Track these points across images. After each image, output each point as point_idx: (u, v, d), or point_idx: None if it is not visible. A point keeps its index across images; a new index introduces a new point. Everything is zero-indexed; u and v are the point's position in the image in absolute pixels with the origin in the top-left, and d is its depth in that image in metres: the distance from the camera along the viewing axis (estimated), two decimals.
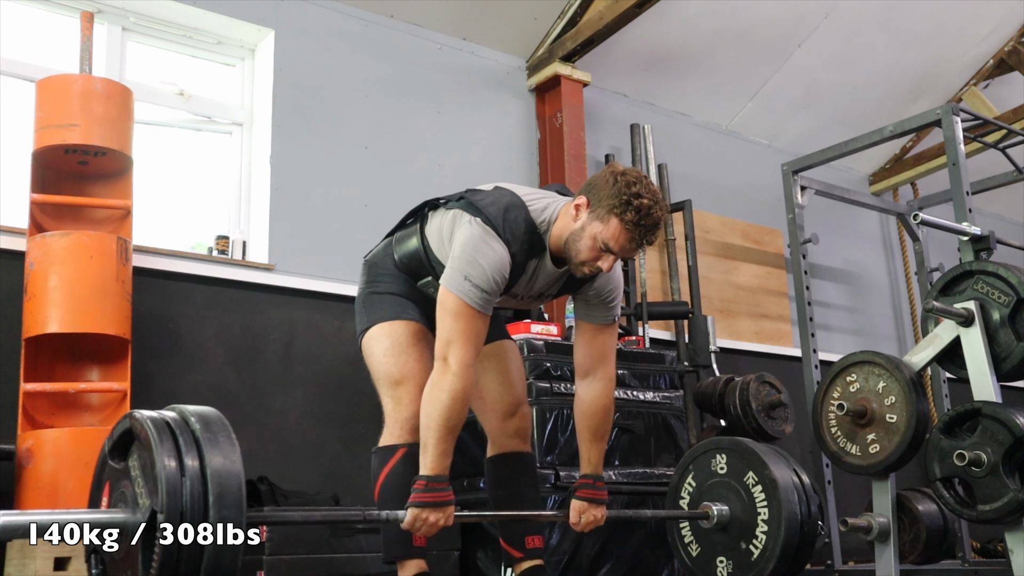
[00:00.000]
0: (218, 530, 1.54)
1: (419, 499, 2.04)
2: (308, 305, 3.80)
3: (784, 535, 2.32)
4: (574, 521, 2.31)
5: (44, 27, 3.72)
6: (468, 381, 2.09)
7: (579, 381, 2.35)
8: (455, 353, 2.08)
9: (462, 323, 2.10)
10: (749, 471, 2.41)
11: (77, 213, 3.21)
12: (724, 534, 2.46)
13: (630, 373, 3.61)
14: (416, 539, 2.23)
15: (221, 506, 1.55)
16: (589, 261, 2.13)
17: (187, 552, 1.52)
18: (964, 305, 2.82)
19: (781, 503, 2.33)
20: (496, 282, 2.11)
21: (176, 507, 1.52)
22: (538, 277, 2.26)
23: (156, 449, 1.56)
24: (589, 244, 2.11)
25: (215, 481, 1.56)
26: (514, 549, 2.38)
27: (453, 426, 2.07)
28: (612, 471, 3.41)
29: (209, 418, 1.65)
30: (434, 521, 2.04)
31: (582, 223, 2.13)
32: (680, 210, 4.95)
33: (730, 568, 2.45)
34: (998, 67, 5.88)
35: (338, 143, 4.09)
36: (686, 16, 4.83)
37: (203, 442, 1.59)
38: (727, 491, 2.46)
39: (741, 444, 2.46)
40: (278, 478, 3.44)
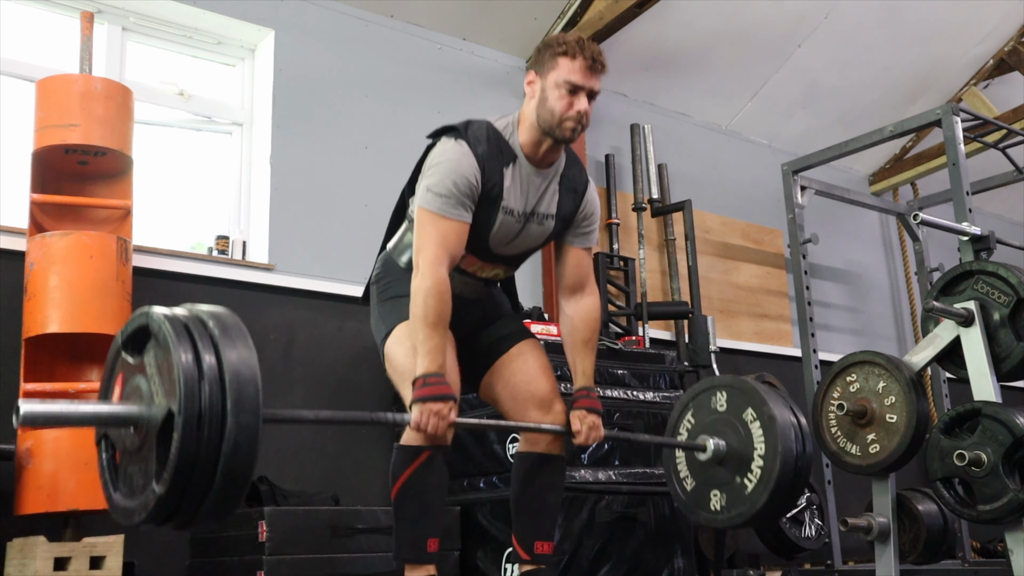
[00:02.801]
0: (235, 431, 1.54)
1: (419, 395, 2.09)
2: (308, 305, 3.80)
3: (779, 470, 2.33)
4: (576, 429, 2.31)
5: (44, 27, 3.72)
6: (438, 277, 2.16)
7: (566, 301, 2.43)
8: (424, 255, 2.17)
9: (429, 227, 2.19)
10: (748, 407, 2.41)
11: (77, 213, 3.21)
12: (719, 468, 2.45)
13: (630, 373, 3.61)
14: (430, 544, 2.22)
15: (239, 410, 1.55)
16: (565, 112, 2.23)
17: (203, 454, 1.53)
18: (964, 305, 2.83)
19: (778, 439, 2.33)
20: (460, 184, 2.19)
21: (193, 408, 1.52)
22: (524, 185, 2.30)
23: (174, 348, 1.56)
24: (556, 95, 2.23)
25: (233, 384, 1.55)
26: (523, 551, 2.37)
27: (435, 321, 2.14)
28: (612, 471, 3.41)
29: (226, 320, 1.64)
30: (438, 411, 2.07)
31: (540, 88, 2.27)
32: (680, 210, 4.96)
33: (723, 502, 2.44)
34: (998, 67, 5.89)
35: (338, 143, 4.09)
36: (686, 16, 4.83)
37: (221, 343, 1.58)
38: (725, 426, 2.45)
39: (741, 381, 2.47)
40: (278, 478, 3.45)
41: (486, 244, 2.32)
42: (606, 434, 2.35)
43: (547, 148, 2.30)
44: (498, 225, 2.29)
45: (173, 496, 1.53)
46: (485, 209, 2.25)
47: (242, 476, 1.56)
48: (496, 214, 2.27)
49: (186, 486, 1.53)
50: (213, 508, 1.57)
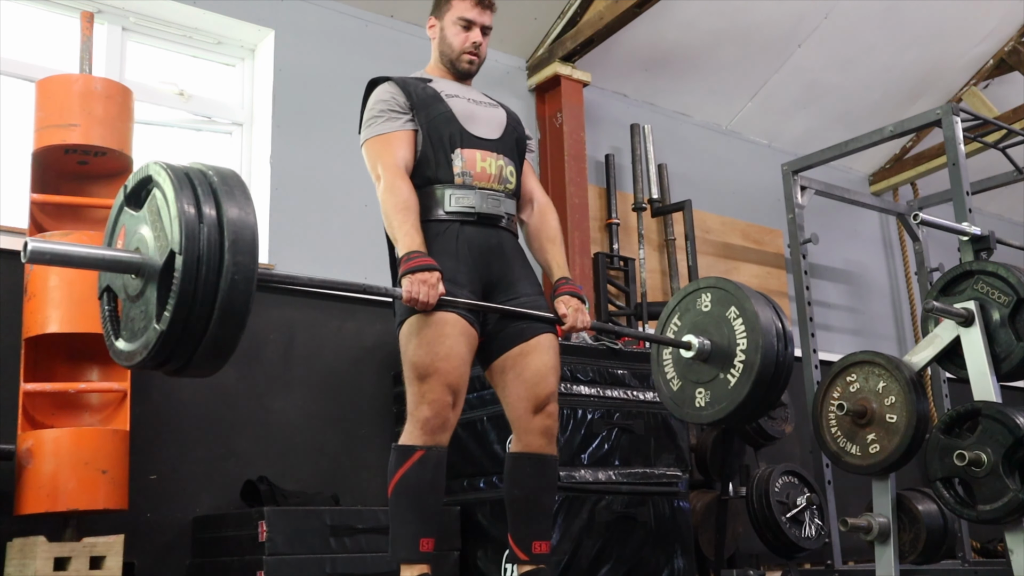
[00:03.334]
0: (232, 273, 1.61)
1: (406, 268, 2.19)
2: (308, 305, 3.80)
3: (759, 364, 2.39)
4: (563, 313, 2.37)
5: (44, 27, 3.72)
6: (396, 172, 2.33)
7: (523, 211, 2.56)
8: (380, 168, 2.36)
9: (375, 148, 2.40)
10: (732, 306, 2.48)
11: (77, 213, 3.21)
12: (704, 365, 2.51)
13: (630, 373, 3.61)
14: (424, 544, 2.22)
15: (236, 251, 1.61)
16: (462, 46, 2.50)
17: (202, 292, 1.59)
18: (964, 305, 2.82)
19: (759, 335, 2.39)
20: (385, 104, 2.41)
21: (193, 250, 1.59)
22: (459, 92, 2.48)
23: (176, 194, 1.62)
24: (453, 31, 2.50)
25: (231, 228, 1.62)
26: (520, 551, 2.37)
27: (403, 205, 2.28)
28: (612, 471, 3.41)
29: (226, 173, 1.71)
30: (426, 279, 2.16)
31: (439, 28, 2.54)
32: (680, 210, 4.96)
33: (707, 398, 2.52)
34: (998, 67, 5.89)
35: (338, 143, 4.09)
36: (686, 16, 4.83)
37: (220, 193, 1.65)
38: (709, 325, 2.52)
39: (726, 282, 2.53)
40: (278, 478, 3.45)
41: (459, 127, 2.41)
42: (593, 323, 2.41)
43: (456, 79, 2.54)
44: (453, 107, 2.43)
45: (174, 333, 1.60)
46: (431, 105, 2.41)
47: (238, 315, 1.63)
48: (443, 103, 2.42)
49: (186, 323, 1.60)
50: (211, 349, 1.64)
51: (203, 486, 3.43)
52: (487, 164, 2.41)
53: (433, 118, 2.39)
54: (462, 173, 2.36)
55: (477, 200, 2.36)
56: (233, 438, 3.53)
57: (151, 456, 3.30)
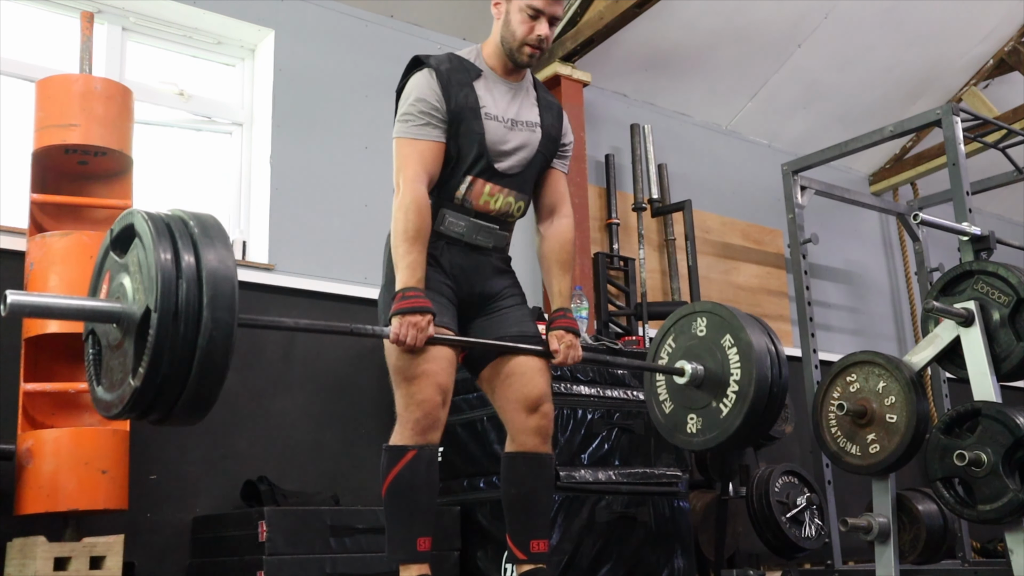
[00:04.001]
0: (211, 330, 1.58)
1: (398, 308, 2.14)
2: (308, 305, 3.80)
3: (753, 395, 2.38)
4: (555, 348, 2.34)
5: (44, 27, 3.72)
6: (416, 192, 2.23)
7: (543, 223, 2.49)
8: (400, 175, 2.26)
9: (403, 151, 2.29)
10: (727, 334, 2.46)
11: (77, 213, 3.21)
12: (697, 391, 2.51)
13: (630, 373, 3.61)
14: (420, 543, 2.22)
15: (215, 307, 1.60)
16: (526, 36, 2.34)
17: (179, 349, 1.58)
18: (964, 305, 2.82)
19: (753, 365, 2.38)
20: (421, 105, 2.28)
21: (169, 307, 1.57)
22: (498, 96, 2.37)
23: (155, 247, 1.61)
24: (518, 19, 2.34)
25: (210, 283, 1.60)
26: (519, 550, 2.37)
27: (414, 235, 2.20)
28: (612, 471, 3.41)
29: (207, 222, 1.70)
30: (415, 323, 2.12)
31: (504, 11, 2.38)
32: (680, 210, 4.96)
33: (700, 425, 2.50)
34: (998, 67, 5.89)
35: (338, 143, 4.09)
36: (686, 16, 4.83)
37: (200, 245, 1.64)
38: (703, 351, 2.51)
39: (721, 308, 2.52)
40: (278, 478, 3.45)
41: (485, 154, 2.32)
42: (584, 355, 2.39)
43: (511, 69, 2.42)
44: (487, 130, 2.33)
45: (149, 390, 1.59)
46: (468, 119, 2.31)
47: (217, 371, 1.62)
48: (480, 121, 2.32)
49: (161, 381, 1.59)
50: (189, 403, 1.63)
51: (203, 486, 3.43)
52: (493, 199, 2.38)
53: (463, 135, 2.31)
54: (463, 199, 2.34)
55: (468, 229, 2.35)
56: (233, 438, 3.53)
57: (151, 456, 3.30)
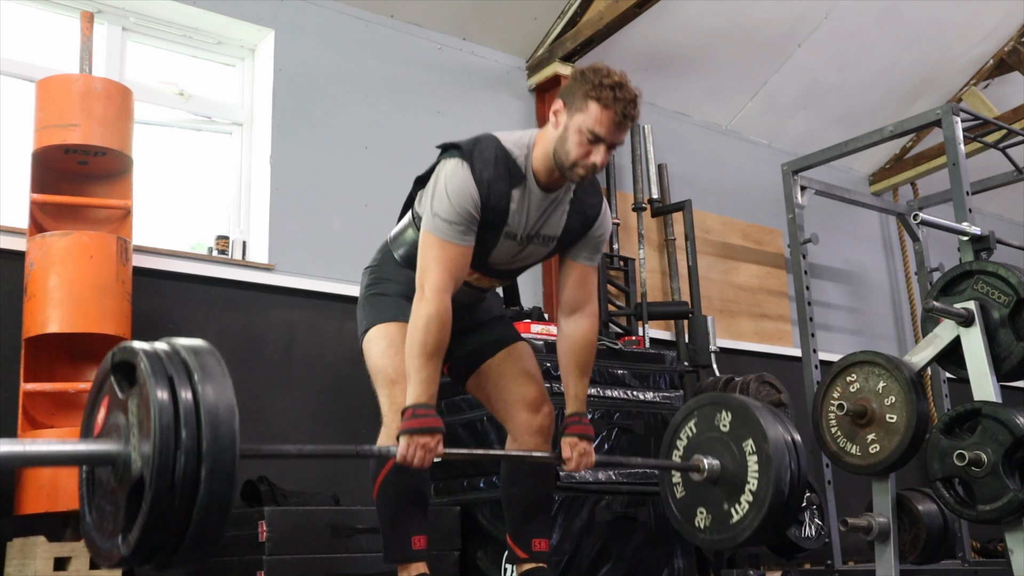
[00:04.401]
0: (207, 504, 1.53)
1: (408, 427, 2.05)
2: (308, 305, 3.80)
3: (765, 514, 2.36)
4: (567, 456, 2.28)
5: (44, 27, 3.72)
6: (442, 305, 2.12)
7: (565, 319, 2.37)
8: (429, 280, 2.14)
9: (435, 251, 2.15)
10: (749, 438, 2.42)
11: (77, 213, 3.21)
12: (711, 487, 2.48)
13: (630, 373, 3.61)
14: (416, 542, 2.23)
15: (213, 480, 1.54)
16: (581, 159, 2.14)
17: (172, 520, 1.53)
18: (964, 305, 2.82)
19: (771, 482, 2.35)
20: (463, 211, 2.14)
21: (165, 480, 1.51)
22: (530, 209, 2.24)
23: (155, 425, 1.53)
24: (576, 140, 2.12)
25: (208, 459, 1.54)
26: (519, 549, 2.38)
27: (432, 351, 2.10)
28: (612, 471, 3.40)
29: (220, 406, 1.60)
30: (424, 443, 2.04)
31: (563, 124, 2.15)
32: (680, 210, 4.95)
33: (708, 521, 2.48)
34: (998, 67, 5.88)
35: (338, 143, 4.09)
36: (686, 16, 4.83)
37: (204, 426, 1.55)
38: (724, 448, 2.47)
39: (748, 410, 2.46)
40: (278, 478, 3.44)
41: (485, 262, 2.30)
42: (597, 459, 2.33)
43: (558, 176, 2.23)
44: (498, 247, 2.26)
45: (139, 554, 1.55)
46: (487, 232, 2.21)
47: (211, 539, 1.57)
48: (498, 237, 2.24)
49: (151, 551, 1.55)
50: (183, 558, 1.59)
51: None
52: (480, 282, 2.39)
53: (479, 244, 2.23)
54: None
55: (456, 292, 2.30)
56: None
57: None
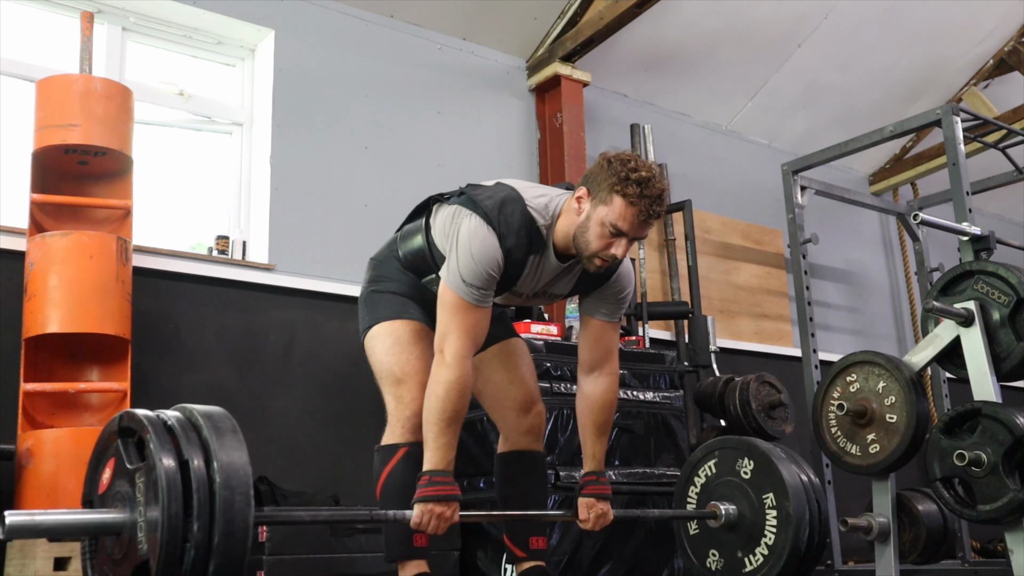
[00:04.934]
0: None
1: (424, 494, 2.04)
2: (308, 305, 3.80)
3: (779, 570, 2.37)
4: (583, 517, 2.27)
5: (44, 27, 3.72)
6: (464, 372, 2.10)
7: (584, 377, 2.33)
8: (450, 345, 2.10)
9: (458, 316, 2.11)
10: (771, 493, 2.42)
11: (77, 213, 3.21)
12: (727, 533, 2.49)
13: (630, 373, 3.61)
14: (417, 539, 2.23)
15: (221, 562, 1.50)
16: (601, 251, 2.10)
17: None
18: (964, 305, 2.82)
19: (787, 542, 2.34)
20: (488, 276, 2.12)
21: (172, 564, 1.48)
22: (542, 274, 2.23)
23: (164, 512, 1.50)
24: (598, 232, 2.09)
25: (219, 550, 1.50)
26: (518, 548, 2.38)
27: (451, 418, 2.08)
28: (612, 471, 3.40)
29: (232, 475, 1.54)
30: (440, 513, 2.04)
31: (586, 213, 2.11)
32: (680, 210, 4.95)
33: (720, 565, 2.50)
34: (998, 67, 5.88)
35: (338, 143, 4.09)
36: (686, 16, 4.83)
37: (218, 507, 1.50)
38: (743, 497, 2.47)
39: (771, 462, 2.45)
40: (278, 478, 3.44)
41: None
42: (616, 515, 2.31)
43: (575, 252, 2.20)
44: (502, 298, 2.29)
45: None
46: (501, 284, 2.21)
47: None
48: (502, 293, 2.26)
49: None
50: None
51: None
52: None
53: None
54: None
55: None
56: None
57: None
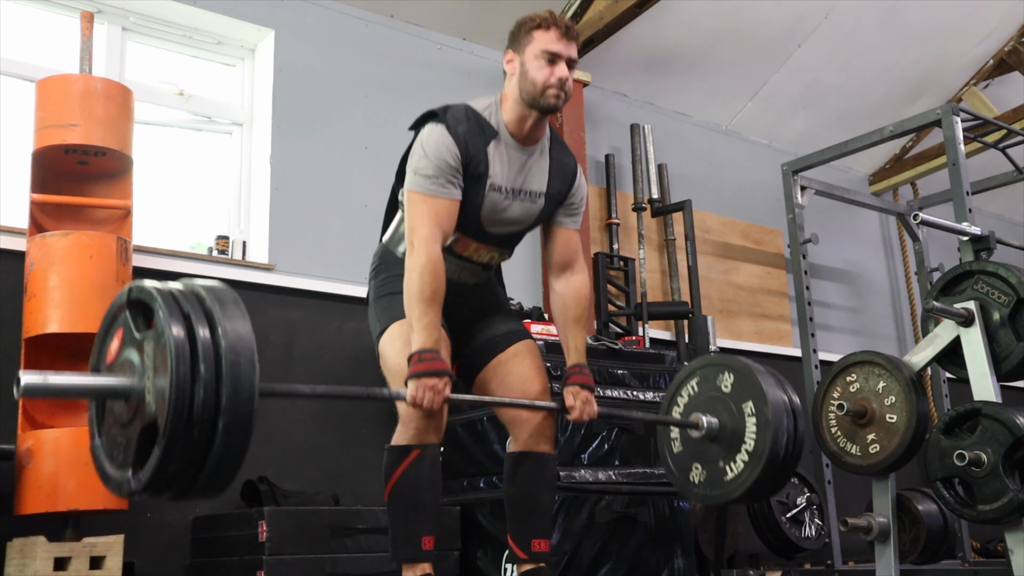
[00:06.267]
0: (221, 455, 1.53)
1: (416, 370, 2.12)
2: (308, 305, 3.80)
3: (759, 473, 2.40)
4: (570, 404, 2.33)
5: (44, 27, 3.72)
6: (432, 254, 2.21)
7: (556, 279, 2.48)
8: (417, 233, 2.22)
9: (421, 207, 2.24)
10: (750, 400, 2.46)
11: (77, 213, 3.21)
12: (710, 444, 2.52)
13: (630, 373, 3.61)
14: (424, 542, 2.23)
15: (229, 433, 1.52)
16: (546, 81, 2.28)
17: (184, 465, 1.53)
18: (964, 305, 2.82)
19: (767, 443, 2.39)
20: (444, 163, 2.23)
21: (180, 427, 1.51)
22: (509, 163, 2.33)
23: (172, 373, 1.52)
24: (536, 67, 2.30)
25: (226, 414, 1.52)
26: (520, 550, 2.38)
27: (430, 297, 2.18)
28: (612, 471, 3.40)
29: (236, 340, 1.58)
30: (432, 385, 2.10)
31: (519, 64, 2.34)
32: (680, 210, 4.95)
33: (702, 477, 2.52)
34: (998, 67, 5.88)
35: (338, 143, 4.09)
36: (686, 16, 4.83)
37: (224, 374, 1.54)
38: (724, 409, 2.50)
39: (751, 372, 2.51)
40: (278, 478, 3.45)
41: (478, 222, 2.34)
42: (600, 410, 2.38)
43: (532, 123, 2.33)
44: (486, 202, 2.32)
45: (149, 493, 1.57)
46: (472, 187, 2.29)
47: (222, 483, 1.58)
48: (483, 191, 2.30)
49: (162, 487, 1.57)
50: (199, 493, 1.61)
51: None
52: (479, 253, 2.43)
53: (467, 201, 2.30)
54: (448, 247, 2.33)
55: (454, 268, 2.37)
56: None
57: None
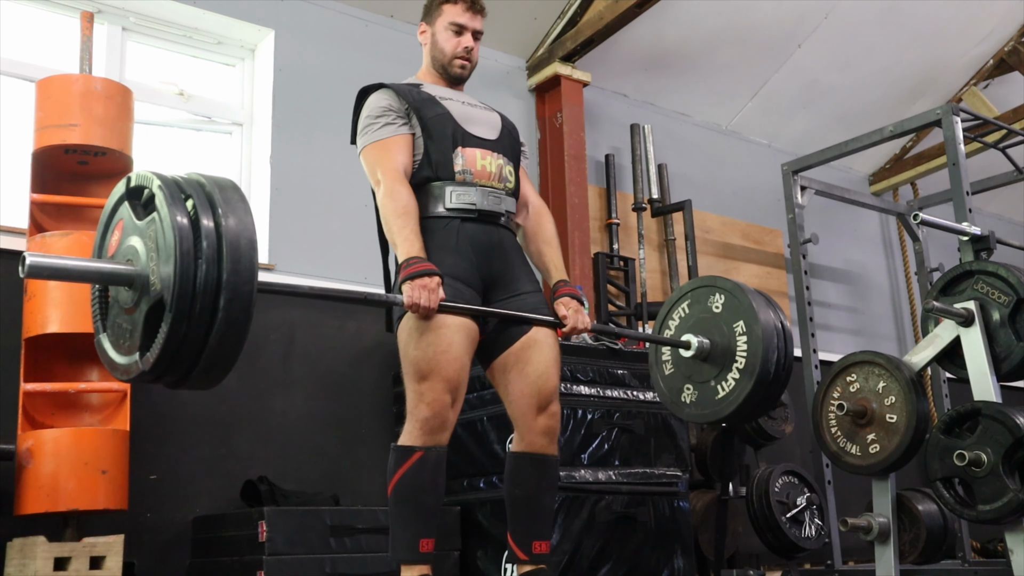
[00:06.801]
0: (222, 332, 1.57)
1: (408, 273, 2.19)
2: (308, 305, 3.80)
3: (749, 391, 2.44)
4: (563, 314, 2.38)
5: (44, 27, 3.72)
6: (396, 177, 2.33)
7: (519, 215, 2.56)
8: (379, 173, 2.35)
9: (373, 154, 2.38)
10: (741, 320, 2.49)
11: (77, 213, 3.21)
12: (701, 364, 2.55)
13: (630, 373, 3.61)
14: (423, 544, 2.22)
15: (230, 309, 1.57)
16: (454, 50, 2.53)
17: (187, 347, 1.57)
18: (964, 305, 2.82)
19: (757, 361, 2.42)
20: (385, 106, 2.41)
21: (186, 302, 1.55)
22: (453, 97, 2.49)
23: (174, 231, 1.56)
24: (444, 37, 2.55)
25: (228, 289, 1.57)
26: (520, 551, 2.37)
27: (403, 210, 2.28)
28: (612, 471, 3.41)
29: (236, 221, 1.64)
30: (425, 284, 2.16)
31: (430, 35, 2.59)
32: (680, 210, 4.96)
33: (694, 397, 2.57)
34: (998, 67, 5.89)
35: (338, 143, 4.06)
36: (686, 16, 4.83)
37: (224, 251, 1.58)
38: (715, 329, 2.54)
39: (740, 292, 2.53)
40: (278, 478, 3.45)
41: (458, 126, 2.42)
42: (592, 325, 2.43)
43: (449, 85, 2.55)
44: (450, 109, 2.43)
45: (156, 374, 1.62)
46: (428, 107, 2.41)
47: (225, 364, 1.64)
48: (440, 104, 2.43)
49: (167, 368, 1.61)
50: (196, 381, 1.67)
51: (203, 486, 3.43)
52: (487, 162, 2.43)
53: (431, 118, 2.40)
54: (463, 171, 2.38)
55: (478, 197, 2.38)
56: (233, 438, 3.53)
57: (151, 456, 3.30)
